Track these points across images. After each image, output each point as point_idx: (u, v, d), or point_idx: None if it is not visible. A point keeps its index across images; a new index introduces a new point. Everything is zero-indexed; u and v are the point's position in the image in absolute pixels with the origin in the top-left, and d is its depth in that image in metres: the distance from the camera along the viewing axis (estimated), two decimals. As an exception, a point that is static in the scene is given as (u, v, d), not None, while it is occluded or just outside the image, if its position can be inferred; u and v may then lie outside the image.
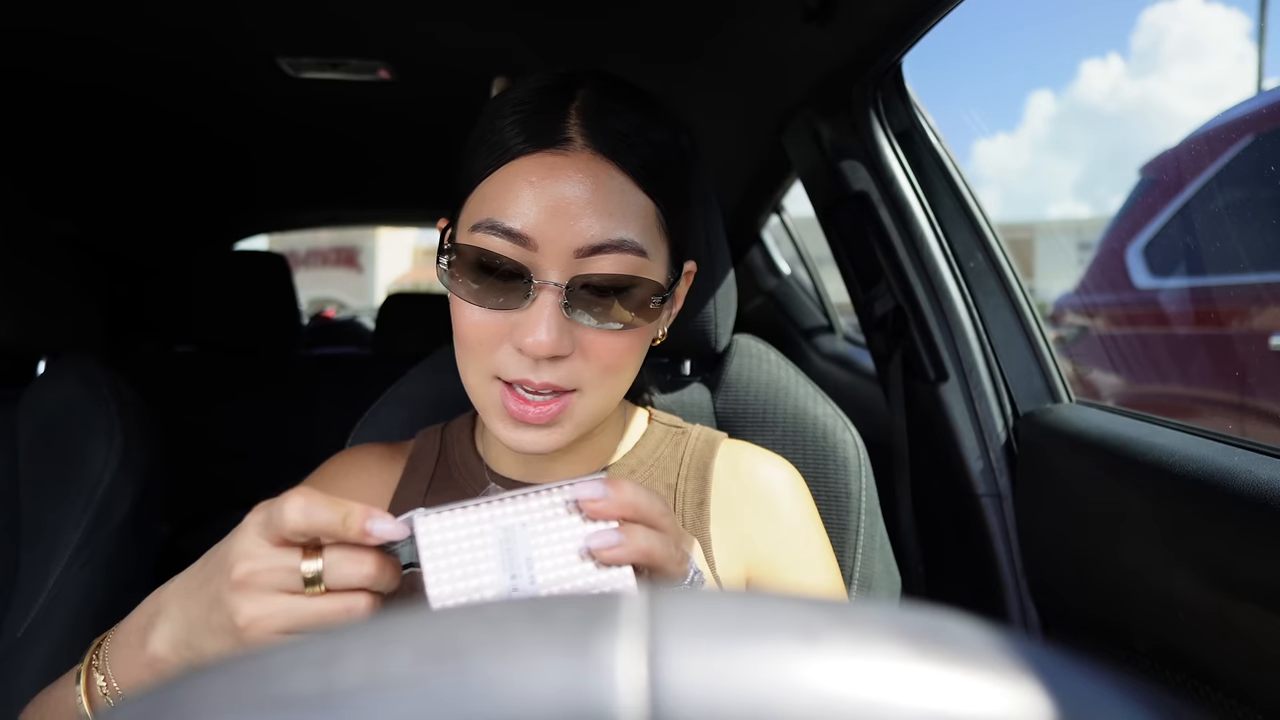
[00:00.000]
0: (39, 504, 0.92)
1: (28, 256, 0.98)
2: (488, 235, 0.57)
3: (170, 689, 0.18)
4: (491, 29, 1.29)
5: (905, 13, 0.96)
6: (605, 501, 0.45)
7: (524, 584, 0.42)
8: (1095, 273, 2.81)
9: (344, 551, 0.42)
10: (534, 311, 0.57)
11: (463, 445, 0.74)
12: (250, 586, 0.42)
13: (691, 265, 0.69)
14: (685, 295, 0.71)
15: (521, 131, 0.58)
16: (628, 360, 0.62)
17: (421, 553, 0.42)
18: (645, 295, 0.60)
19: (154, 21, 1.26)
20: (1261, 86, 2.67)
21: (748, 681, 0.16)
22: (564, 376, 0.59)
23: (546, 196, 0.56)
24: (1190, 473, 0.76)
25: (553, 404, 0.59)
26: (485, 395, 0.62)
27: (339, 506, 0.42)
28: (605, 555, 0.44)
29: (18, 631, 0.87)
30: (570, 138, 0.57)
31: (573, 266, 0.57)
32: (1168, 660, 0.81)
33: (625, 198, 0.58)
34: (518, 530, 0.44)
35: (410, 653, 0.17)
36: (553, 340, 0.56)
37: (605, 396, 0.62)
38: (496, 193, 0.58)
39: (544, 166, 0.57)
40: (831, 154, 1.26)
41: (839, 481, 0.84)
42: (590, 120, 0.58)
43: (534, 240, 0.57)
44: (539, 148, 0.57)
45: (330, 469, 0.75)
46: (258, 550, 0.43)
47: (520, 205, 0.57)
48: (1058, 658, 0.18)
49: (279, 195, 2.51)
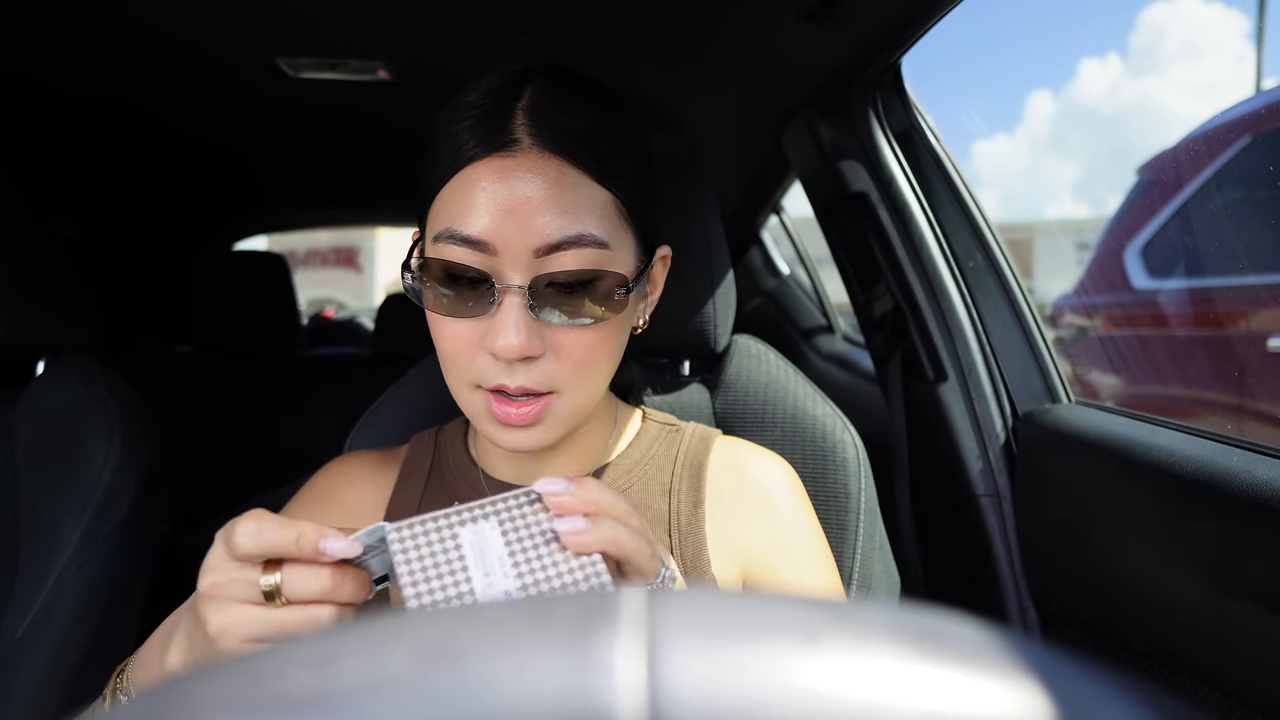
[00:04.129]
0: (39, 504, 0.92)
1: (27, 256, 0.98)
2: (448, 245, 0.58)
3: (169, 689, 0.18)
4: (491, 29, 1.29)
5: (905, 13, 0.96)
6: (568, 495, 0.46)
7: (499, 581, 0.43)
8: (1094, 273, 2.82)
9: (300, 567, 0.44)
10: (501, 315, 0.57)
11: (456, 449, 0.75)
12: (216, 598, 0.44)
13: (666, 250, 0.69)
14: (664, 281, 0.70)
15: (471, 136, 0.58)
16: (600, 354, 0.61)
17: (395, 563, 0.43)
18: (611, 287, 0.59)
19: (153, 23, 1.25)
20: (1260, 86, 2.67)
21: (747, 681, 0.16)
22: (538, 379, 0.59)
23: (499, 200, 0.56)
24: (1189, 473, 0.76)
25: (532, 405, 0.60)
26: (471, 403, 0.63)
27: (291, 528, 0.43)
28: (572, 540, 0.45)
29: (17, 632, 0.87)
30: (518, 138, 0.57)
31: (534, 266, 0.57)
32: (1167, 660, 0.81)
33: (579, 192, 0.58)
34: (487, 532, 0.45)
35: (409, 653, 0.17)
36: (522, 342, 0.57)
37: (584, 392, 0.63)
38: (453, 201, 0.58)
39: (495, 170, 0.57)
40: (831, 154, 1.26)
41: (838, 482, 0.84)
42: (537, 118, 0.58)
43: (492, 245, 0.57)
44: (489, 151, 0.57)
45: (324, 480, 0.75)
46: (220, 564, 0.45)
47: (476, 212, 0.57)
48: (1057, 658, 0.18)
49: (278, 195, 2.51)
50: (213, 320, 2.12)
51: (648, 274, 0.66)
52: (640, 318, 0.69)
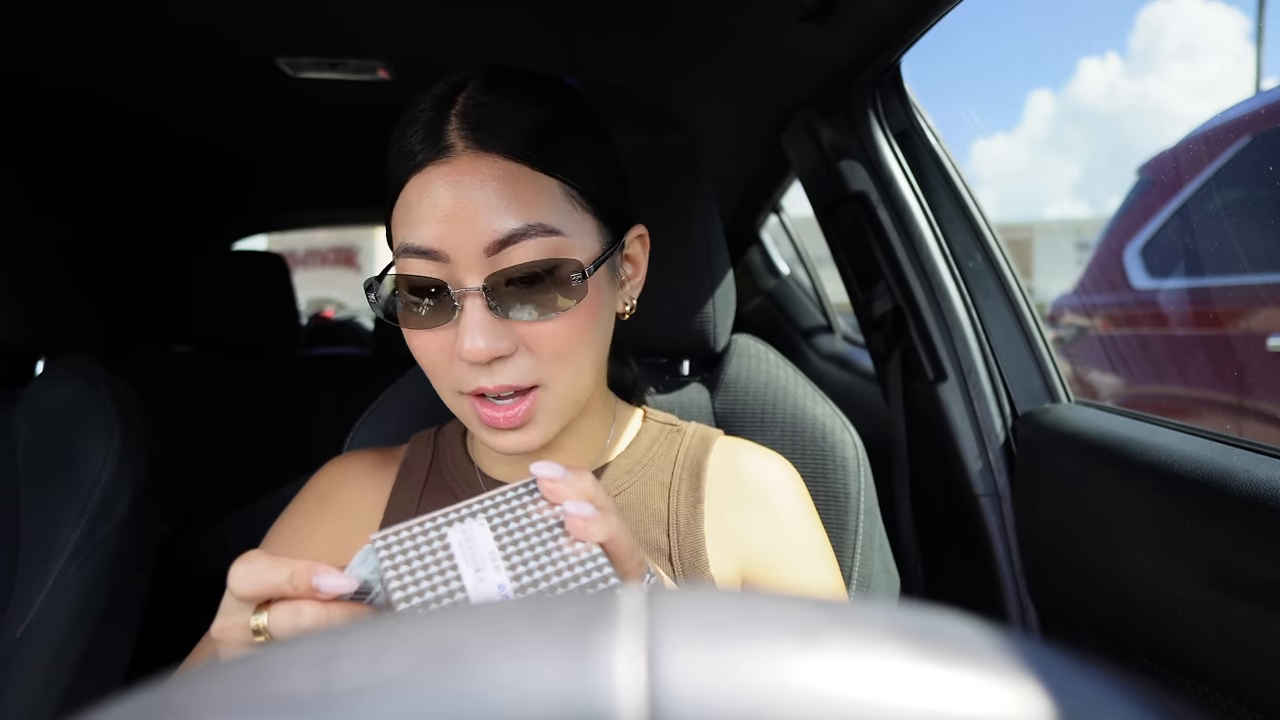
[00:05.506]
0: (38, 504, 0.92)
1: (26, 257, 0.98)
2: (405, 259, 0.59)
3: (168, 689, 0.18)
4: (491, 29, 1.29)
5: (904, 12, 0.96)
6: (563, 482, 0.45)
7: (490, 575, 0.43)
8: (1093, 273, 2.82)
9: (284, 605, 0.44)
10: (464, 321, 0.58)
11: (454, 449, 0.75)
12: (223, 641, 0.45)
13: (641, 229, 0.69)
14: (646, 260, 0.70)
15: (414, 148, 0.59)
16: (576, 342, 0.61)
17: (383, 569, 0.43)
18: (568, 274, 0.59)
19: (155, 25, 1.25)
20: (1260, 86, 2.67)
21: (747, 681, 0.16)
22: (518, 375, 0.59)
23: (442, 207, 0.57)
24: (1189, 473, 0.76)
25: (520, 404, 0.60)
26: (460, 409, 0.63)
27: (283, 567, 0.43)
28: (578, 526, 0.44)
29: (16, 632, 0.87)
30: (451, 144, 0.58)
31: (487, 266, 0.57)
32: (1167, 660, 0.81)
33: (520, 185, 0.58)
34: (475, 529, 0.44)
35: (408, 653, 0.17)
36: (486, 344, 0.57)
37: (570, 383, 0.62)
38: (406, 213, 0.59)
39: (435, 178, 0.57)
40: (830, 154, 1.26)
41: (838, 481, 0.84)
42: (468, 120, 0.58)
43: (443, 252, 0.57)
44: (429, 160, 0.58)
45: (324, 481, 0.75)
46: (228, 605, 0.45)
47: (424, 223, 0.57)
48: (1057, 657, 0.18)
49: (277, 195, 2.51)
50: (212, 320, 2.11)
51: (618, 255, 0.66)
52: (625, 302, 0.68)
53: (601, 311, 0.63)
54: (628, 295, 0.69)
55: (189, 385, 2.10)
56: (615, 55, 1.37)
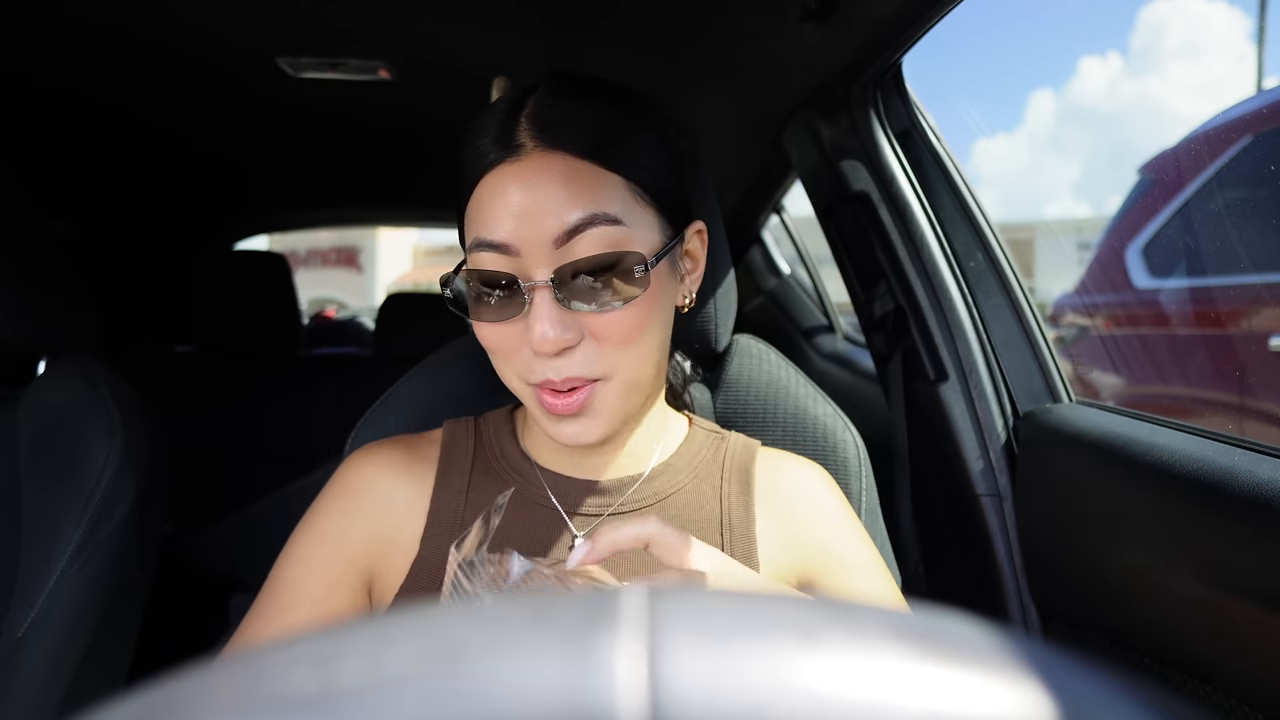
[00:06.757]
0: (39, 504, 0.92)
1: (27, 257, 0.98)
2: (479, 253, 0.62)
3: (169, 689, 0.18)
4: (492, 29, 1.29)
5: (905, 12, 0.96)
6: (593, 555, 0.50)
7: None
8: (1095, 273, 2.82)
9: None
10: (533, 312, 0.60)
11: (503, 439, 0.75)
12: None
13: (700, 225, 0.71)
14: (705, 256, 0.72)
15: (486, 148, 0.62)
16: (638, 333, 0.63)
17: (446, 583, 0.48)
18: (633, 265, 0.61)
19: (156, 25, 1.26)
20: (1260, 86, 2.67)
21: (748, 681, 0.16)
22: (582, 366, 0.62)
23: (514, 203, 0.60)
24: (1190, 472, 0.76)
25: (579, 393, 0.62)
26: (524, 396, 0.66)
27: None
28: None
29: (18, 632, 0.87)
30: (522, 144, 0.61)
31: (556, 258, 0.60)
32: (1168, 660, 0.81)
33: (585, 179, 0.61)
34: None
35: (409, 652, 0.17)
36: (555, 335, 0.59)
37: (630, 375, 0.64)
38: (478, 210, 0.62)
39: (507, 177, 0.61)
40: (831, 154, 1.26)
41: (839, 481, 0.84)
42: (537, 121, 0.62)
43: (514, 246, 0.60)
44: (500, 160, 0.61)
45: (354, 477, 0.72)
46: None
47: (496, 218, 0.61)
48: (1058, 657, 0.18)
49: (279, 195, 2.52)
50: (213, 320, 2.12)
51: (679, 250, 0.68)
52: (685, 296, 0.71)
53: (663, 303, 0.66)
54: (687, 289, 0.71)
55: (191, 385, 2.10)
56: (616, 55, 1.37)
